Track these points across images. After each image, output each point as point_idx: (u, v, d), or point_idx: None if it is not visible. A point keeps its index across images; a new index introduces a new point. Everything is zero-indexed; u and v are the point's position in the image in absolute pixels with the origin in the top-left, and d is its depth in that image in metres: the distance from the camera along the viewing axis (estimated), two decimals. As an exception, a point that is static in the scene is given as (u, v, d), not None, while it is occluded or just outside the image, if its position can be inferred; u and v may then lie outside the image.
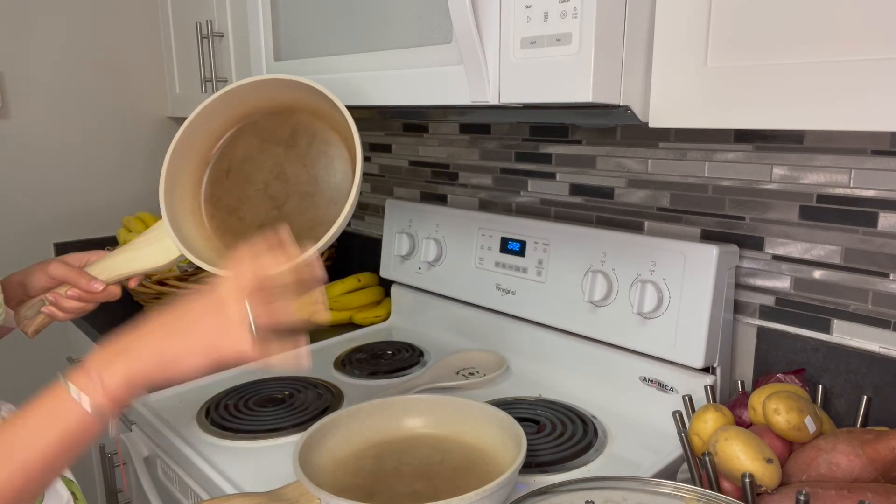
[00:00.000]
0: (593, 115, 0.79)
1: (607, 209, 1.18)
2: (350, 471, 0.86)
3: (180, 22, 1.62)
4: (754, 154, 0.98)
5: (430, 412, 0.94)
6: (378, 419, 0.93)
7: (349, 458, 0.88)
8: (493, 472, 0.84)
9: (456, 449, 0.90)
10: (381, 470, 0.86)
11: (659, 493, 0.69)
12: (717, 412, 0.79)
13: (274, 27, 1.07)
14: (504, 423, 0.87)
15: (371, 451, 0.90)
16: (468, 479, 0.83)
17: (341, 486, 0.83)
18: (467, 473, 0.85)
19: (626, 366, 1.06)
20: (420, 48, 0.84)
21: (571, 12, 0.67)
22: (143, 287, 1.51)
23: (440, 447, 0.91)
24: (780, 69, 0.61)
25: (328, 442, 0.87)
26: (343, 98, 0.97)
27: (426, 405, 0.95)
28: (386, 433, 0.93)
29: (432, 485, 0.83)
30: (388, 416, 0.94)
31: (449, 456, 0.88)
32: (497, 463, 0.86)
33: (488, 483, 0.72)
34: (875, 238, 0.88)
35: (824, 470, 0.70)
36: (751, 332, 1.01)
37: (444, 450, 0.90)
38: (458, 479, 0.84)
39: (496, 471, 0.84)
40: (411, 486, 0.83)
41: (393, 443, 0.91)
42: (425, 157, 1.51)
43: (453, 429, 0.93)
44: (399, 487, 0.82)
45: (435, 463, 0.87)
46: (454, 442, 0.91)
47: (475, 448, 0.89)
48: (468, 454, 0.89)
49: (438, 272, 1.35)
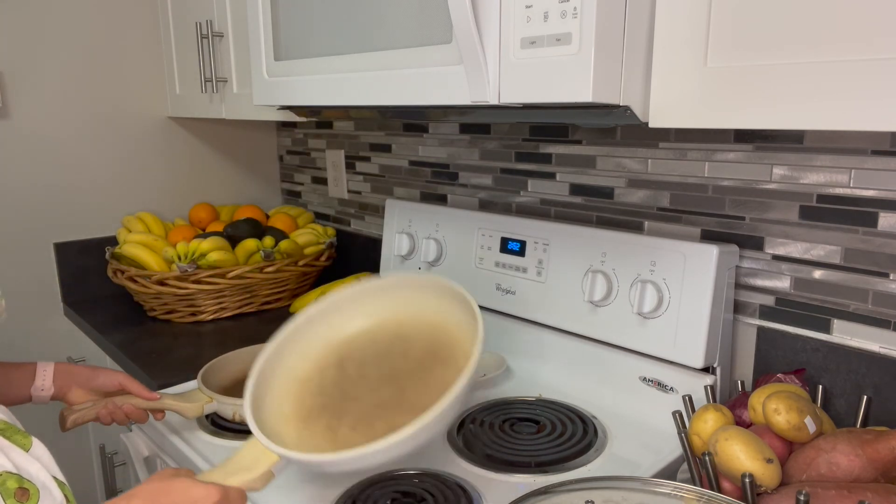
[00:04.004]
0: (593, 115, 0.79)
1: (607, 209, 1.18)
2: (314, 389, 0.84)
3: (180, 22, 1.62)
4: (754, 154, 0.98)
5: (379, 299, 0.91)
6: (331, 323, 0.90)
7: (312, 375, 0.86)
8: (459, 352, 0.81)
9: (416, 333, 0.87)
10: (345, 380, 0.84)
11: (659, 493, 0.69)
12: (717, 412, 0.79)
13: (274, 27, 1.07)
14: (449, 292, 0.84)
15: (332, 357, 0.88)
16: (435, 372, 0.81)
17: (307, 413, 0.81)
18: (434, 363, 0.82)
19: (626, 366, 1.06)
20: (420, 48, 0.84)
21: (571, 12, 0.67)
22: (143, 287, 1.51)
23: (400, 333, 0.87)
24: (780, 69, 0.61)
25: (287, 362, 0.85)
26: (343, 98, 0.97)
27: (372, 293, 0.91)
28: (342, 334, 0.89)
29: (399, 388, 0.81)
30: (341, 317, 0.90)
31: (410, 344, 0.86)
32: (459, 340, 0.83)
33: (455, 373, 0.71)
34: (875, 238, 0.88)
35: (824, 470, 0.70)
36: (751, 332, 1.01)
37: (404, 336, 0.87)
38: (424, 375, 0.82)
39: (461, 351, 0.81)
40: (378, 395, 0.81)
41: (352, 342, 0.89)
42: (425, 157, 1.51)
43: (406, 310, 0.89)
44: (366, 398, 0.81)
45: (398, 358, 0.85)
46: (412, 324, 0.88)
47: (434, 326, 0.86)
48: (430, 335, 0.86)
49: (438, 272, 1.35)
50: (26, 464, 0.76)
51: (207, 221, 1.75)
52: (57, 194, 1.66)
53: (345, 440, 0.79)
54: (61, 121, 1.64)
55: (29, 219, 1.64)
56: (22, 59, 1.57)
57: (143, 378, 1.25)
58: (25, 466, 0.75)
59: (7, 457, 0.74)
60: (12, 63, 1.56)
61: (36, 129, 1.61)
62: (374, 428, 0.79)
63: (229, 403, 0.98)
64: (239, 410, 0.98)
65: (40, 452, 0.78)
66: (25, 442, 0.78)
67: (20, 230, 1.63)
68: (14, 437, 0.78)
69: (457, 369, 0.79)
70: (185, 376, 1.21)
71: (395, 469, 0.89)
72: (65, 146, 1.66)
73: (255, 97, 1.14)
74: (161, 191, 1.82)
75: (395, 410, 0.80)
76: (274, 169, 2.03)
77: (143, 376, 1.26)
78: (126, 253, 1.56)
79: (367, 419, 0.80)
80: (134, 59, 1.72)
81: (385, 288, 0.92)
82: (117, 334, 1.48)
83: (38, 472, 0.75)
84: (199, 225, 1.75)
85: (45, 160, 1.63)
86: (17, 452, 0.76)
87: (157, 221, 1.70)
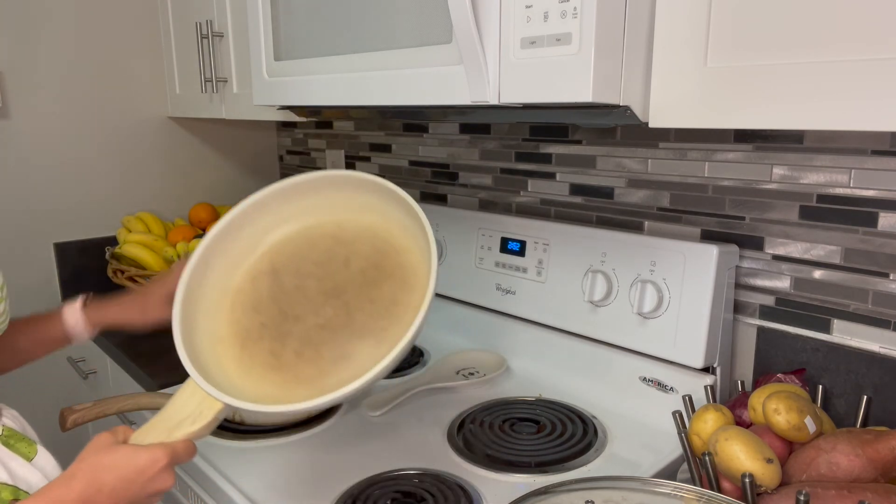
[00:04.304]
0: (593, 115, 0.79)
1: (607, 209, 1.18)
2: (249, 304, 0.79)
3: (180, 22, 1.62)
4: (754, 154, 0.98)
5: (312, 197, 0.83)
6: (260, 224, 0.82)
7: (243, 285, 0.80)
8: (407, 266, 0.76)
9: (357, 237, 0.80)
10: (282, 294, 0.78)
11: (659, 493, 0.69)
12: (717, 412, 0.79)
13: (274, 27, 1.07)
14: (391, 195, 0.77)
15: (264, 264, 0.81)
16: (383, 290, 0.75)
17: (245, 335, 0.76)
18: (381, 277, 0.76)
19: (626, 366, 1.06)
20: (420, 48, 0.84)
21: (571, 12, 0.67)
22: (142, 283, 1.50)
23: (340, 238, 0.80)
24: (779, 69, 0.61)
25: (215, 272, 0.78)
26: (343, 98, 0.97)
27: (305, 189, 0.83)
28: (274, 237, 0.82)
29: (345, 306, 0.75)
30: (270, 217, 0.83)
31: (352, 250, 0.79)
32: (406, 249, 0.77)
33: (406, 293, 0.67)
34: (875, 238, 0.88)
35: (824, 470, 0.70)
36: (751, 332, 1.01)
37: (345, 241, 0.80)
38: (371, 291, 0.76)
39: (407, 261, 0.76)
40: (322, 314, 0.76)
41: (286, 245, 0.82)
42: (425, 157, 1.51)
43: (346, 210, 0.82)
44: (309, 318, 0.75)
45: (340, 267, 0.78)
46: (352, 228, 0.81)
47: (377, 231, 0.80)
48: (373, 242, 0.79)
49: (438, 272, 1.35)
50: (27, 474, 0.75)
51: (207, 221, 1.75)
52: (57, 194, 1.66)
53: (290, 368, 0.74)
54: (61, 121, 1.64)
55: (29, 219, 1.64)
56: (22, 59, 1.57)
57: (144, 378, 1.25)
58: (25, 476, 0.75)
59: (5, 467, 0.74)
60: (12, 63, 1.56)
61: (36, 129, 1.61)
62: (322, 354, 0.74)
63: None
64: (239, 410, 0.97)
65: (44, 462, 0.78)
66: (29, 451, 0.78)
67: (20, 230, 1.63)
68: (17, 446, 0.78)
69: (406, 287, 0.73)
70: (185, 376, 1.21)
71: (395, 469, 0.89)
72: (65, 146, 1.66)
73: (255, 97, 1.14)
74: (161, 191, 1.82)
75: (343, 334, 0.75)
76: (274, 169, 2.03)
77: (143, 376, 1.26)
78: (126, 253, 1.56)
79: (312, 343, 0.75)
80: (134, 60, 1.72)
81: (318, 185, 0.83)
82: (117, 334, 1.47)
83: (38, 482, 0.75)
84: (199, 225, 1.75)
85: (45, 160, 1.63)
86: (19, 462, 0.76)
87: (157, 221, 1.70)
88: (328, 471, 0.91)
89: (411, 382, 1.14)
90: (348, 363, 0.74)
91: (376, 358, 0.70)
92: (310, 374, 0.73)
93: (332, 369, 0.73)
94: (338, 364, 0.73)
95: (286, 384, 0.73)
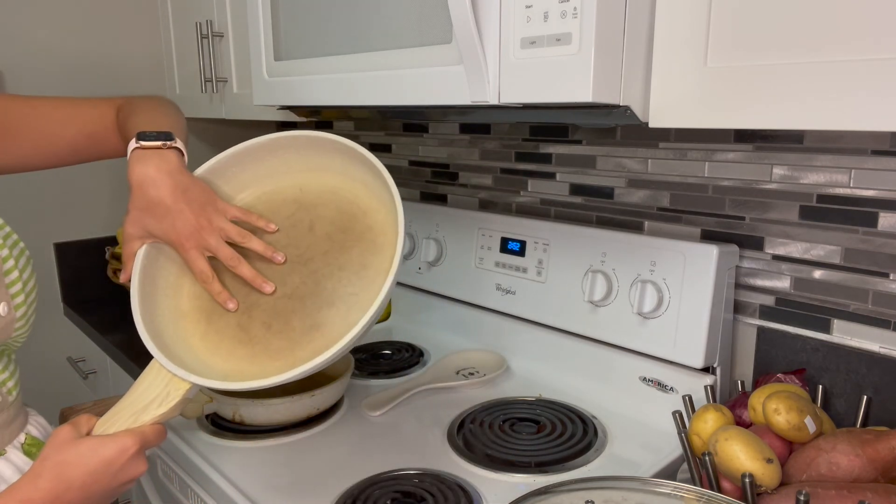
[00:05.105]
0: (593, 115, 0.79)
1: (607, 209, 1.18)
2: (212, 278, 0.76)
3: (180, 22, 1.62)
4: (754, 154, 0.98)
5: (269, 160, 0.81)
6: (217, 191, 0.79)
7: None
8: (373, 224, 0.74)
9: (320, 200, 0.77)
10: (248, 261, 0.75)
11: (659, 493, 0.69)
12: (717, 412, 0.79)
13: (274, 27, 1.07)
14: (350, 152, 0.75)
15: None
16: (352, 254, 0.73)
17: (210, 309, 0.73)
18: (348, 241, 0.74)
19: (626, 366, 1.06)
20: (420, 48, 0.84)
21: (571, 12, 0.67)
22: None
23: (303, 202, 0.78)
24: (779, 69, 0.61)
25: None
26: (343, 98, 0.97)
27: (260, 153, 0.80)
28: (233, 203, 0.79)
29: (312, 274, 0.73)
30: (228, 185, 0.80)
31: (316, 214, 0.77)
32: (372, 209, 0.75)
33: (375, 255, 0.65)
34: (875, 238, 0.88)
35: (824, 470, 0.70)
36: (751, 332, 1.01)
37: (308, 205, 0.77)
38: (340, 256, 0.73)
39: (374, 222, 0.73)
40: (288, 283, 0.73)
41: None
42: (425, 157, 1.51)
43: (306, 173, 0.80)
44: (277, 287, 0.73)
45: (304, 232, 0.76)
46: (315, 190, 0.78)
47: (340, 192, 0.77)
48: (337, 204, 0.77)
49: (438, 272, 1.35)
50: None
51: (207, 221, 1.75)
52: (57, 194, 1.66)
53: (260, 341, 0.72)
54: (61, 121, 1.64)
55: (29, 219, 1.64)
56: (22, 59, 1.57)
57: (143, 378, 1.25)
58: None
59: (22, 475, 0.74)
60: (12, 63, 1.56)
61: (36, 129, 1.61)
62: (292, 325, 0.72)
63: (229, 403, 0.98)
64: (239, 410, 0.97)
65: None
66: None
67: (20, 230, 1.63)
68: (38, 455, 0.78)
69: (375, 249, 0.71)
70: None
71: (395, 469, 0.89)
72: (65, 146, 1.66)
73: (256, 97, 1.14)
74: (161, 191, 1.82)
75: (313, 303, 0.72)
76: (274, 169, 2.03)
77: (143, 376, 1.26)
78: (126, 253, 1.56)
79: (281, 314, 0.73)
80: (134, 59, 1.72)
81: (273, 148, 0.81)
82: (117, 334, 1.47)
83: None
84: (199, 225, 1.75)
85: (45, 160, 1.63)
86: None
87: (157, 221, 1.70)
88: (328, 471, 0.91)
89: (411, 382, 1.14)
90: (320, 332, 0.71)
91: (348, 325, 0.68)
92: (281, 347, 0.71)
93: (304, 340, 0.71)
94: (309, 334, 0.71)
95: (256, 358, 0.71)
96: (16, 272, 0.75)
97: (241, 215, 0.78)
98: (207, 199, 0.76)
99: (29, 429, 0.80)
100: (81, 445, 0.62)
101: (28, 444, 0.78)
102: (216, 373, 0.70)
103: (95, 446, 0.62)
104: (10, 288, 0.75)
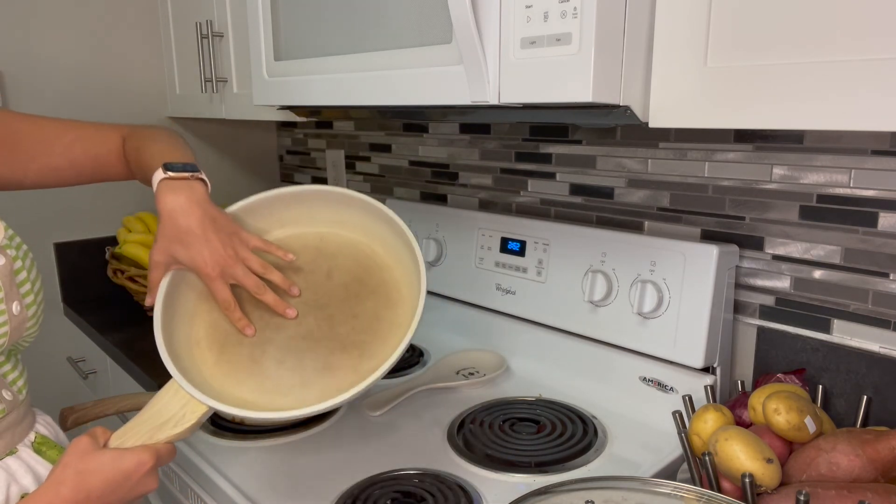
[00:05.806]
0: (593, 115, 0.79)
1: (607, 209, 1.18)
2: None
3: (180, 22, 1.62)
4: (754, 154, 0.98)
5: (296, 208, 0.84)
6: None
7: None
8: (389, 279, 0.77)
9: (339, 251, 0.81)
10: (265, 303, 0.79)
11: (659, 493, 0.69)
12: (717, 412, 0.79)
13: (274, 27, 1.07)
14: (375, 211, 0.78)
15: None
16: (366, 305, 0.77)
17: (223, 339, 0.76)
18: (364, 293, 0.77)
19: (626, 366, 1.06)
20: (420, 48, 0.84)
21: (571, 12, 0.67)
22: (143, 287, 1.51)
23: (323, 250, 0.82)
24: (779, 69, 0.61)
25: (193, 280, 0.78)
26: (343, 98, 0.97)
27: (288, 200, 0.84)
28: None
29: (328, 319, 0.76)
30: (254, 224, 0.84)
31: (335, 263, 0.80)
32: (388, 266, 0.78)
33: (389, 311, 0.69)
34: (875, 238, 0.88)
35: (824, 470, 0.70)
36: (751, 332, 1.01)
37: (327, 253, 0.81)
38: (354, 306, 0.77)
39: (390, 278, 0.77)
40: (304, 323, 0.76)
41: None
42: (425, 157, 1.51)
43: (328, 223, 0.83)
44: (290, 326, 0.76)
45: (323, 278, 0.80)
46: (335, 241, 0.82)
47: (359, 246, 0.81)
48: (355, 256, 0.80)
49: (438, 272, 1.35)
50: None
51: (207, 221, 1.75)
52: (57, 194, 1.66)
53: (271, 375, 0.75)
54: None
55: (29, 219, 1.64)
56: (22, 59, 1.57)
57: (144, 378, 1.25)
58: None
59: (34, 473, 0.75)
60: (12, 63, 1.56)
61: (36, 129, 1.61)
62: (304, 364, 0.75)
63: None
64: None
65: None
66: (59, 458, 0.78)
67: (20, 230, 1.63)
68: (49, 453, 0.78)
69: (389, 304, 0.74)
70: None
71: (395, 469, 0.89)
72: (65, 146, 1.66)
73: (255, 97, 1.14)
74: (161, 191, 1.82)
75: (327, 345, 0.76)
76: (274, 169, 2.03)
77: (143, 376, 1.26)
78: (126, 253, 1.56)
79: (294, 352, 0.76)
80: (134, 59, 1.72)
81: (302, 198, 0.85)
82: (117, 334, 1.48)
83: None
84: (199, 225, 1.75)
85: (45, 160, 1.63)
86: (48, 469, 0.77)
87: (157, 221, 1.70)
88: (328, 471, 0.91)
89: (411, 382, 1.14)
90: (332, 375, 0.75)
91: (360, 371, 0.72)
92: (292, 384, 0.74)
93: (315, 379, 0.74)
94: (321, 374, 0.74)
95: (266, 392, 0.73)
96: (24, 272, 0.77)
97: (262, 245, 0.81)
98: (233, 229, 0.80)
99: (38, 427, 0.81)
100: (103, 456, 0.64)
101: (38, 443, 0.78)
102: (229, 399, 0.73)
103: (116, 458, 0.64)
104: (21, 287, 0.76)
